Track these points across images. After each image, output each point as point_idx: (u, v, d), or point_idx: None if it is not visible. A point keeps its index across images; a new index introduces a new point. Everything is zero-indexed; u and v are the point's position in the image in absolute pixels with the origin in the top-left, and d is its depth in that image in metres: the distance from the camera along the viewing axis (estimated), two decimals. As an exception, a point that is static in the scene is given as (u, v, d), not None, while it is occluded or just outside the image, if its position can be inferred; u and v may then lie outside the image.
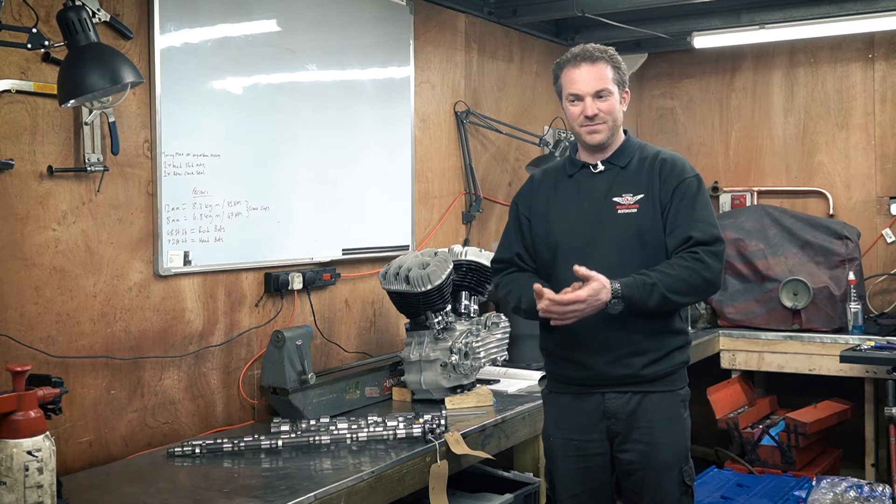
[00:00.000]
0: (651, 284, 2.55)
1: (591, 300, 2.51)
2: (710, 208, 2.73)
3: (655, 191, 2.68)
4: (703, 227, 2.64)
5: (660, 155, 2.76)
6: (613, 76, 2.69)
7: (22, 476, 2.03)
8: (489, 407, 3.38)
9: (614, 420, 2.68)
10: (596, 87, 2.66)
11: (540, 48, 5.20)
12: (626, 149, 2.76)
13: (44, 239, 2.68)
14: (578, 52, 2.71)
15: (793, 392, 5.39)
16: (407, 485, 2.79)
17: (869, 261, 5.35)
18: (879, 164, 5.43)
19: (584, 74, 2.67)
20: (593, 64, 2.67)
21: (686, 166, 2.76)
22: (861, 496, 4.03)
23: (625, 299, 2.53)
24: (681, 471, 2.68)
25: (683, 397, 2.75)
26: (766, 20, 4.95)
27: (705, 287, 2.64)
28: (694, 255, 2.60)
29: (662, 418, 2.68)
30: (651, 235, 2.67)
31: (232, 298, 3.27)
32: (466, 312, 3.68)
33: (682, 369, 2.76)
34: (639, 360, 2.66)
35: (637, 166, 2.73)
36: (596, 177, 2.75)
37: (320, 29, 3.62)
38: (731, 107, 5.91)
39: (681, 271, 2.58)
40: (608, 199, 2.70)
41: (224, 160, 3.19)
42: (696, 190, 2.71)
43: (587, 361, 2.70)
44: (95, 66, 2.25)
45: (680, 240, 2.63)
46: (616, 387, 2.68)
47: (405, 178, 4.12)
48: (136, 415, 2.94)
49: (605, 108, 2.67)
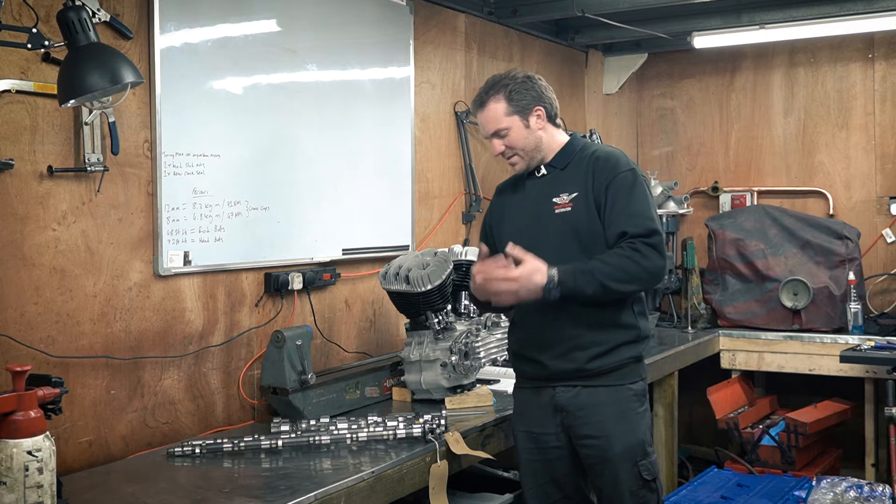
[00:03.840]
0: (588, 272, 2.63)
1: (523, 280, 2.60)
2: (646, 201, 2.75)
3: (589, 188, 2.76)
4: (637, 220, 2.69)
5: (595, 153, 2.83)
6: (507, 110, 2.80)
7: (22, 476, 2.02)
8: (489, 407, 3.38)
9: (566, 413, 2.79)
10: (491, 129, 2.83)
11: (540, 48, 5.20)
12: (566, 151, 2.86)
13: (44, 239, 2.68)
14: (476, 97, 2.87)
15: (793, 392, 5.39)
16: (407, 485, 2.79)
17: (869, 261, 5.35)
18: (879, 164, 5.44)
19: (481, 119, 2.85)
20: (483, 108, 2.83)
21: (620, 161, 2.79)
22: (861, 496, 4.03)
23: (561, 284, 2.61)
24: (636, 464, 2.74)
25: (636, 392, 2.81)
26: (766, 20, 4.95)
27: (645, 276, 2.68)
28: (631, 246, 2.66)
29: (612, 412, 2.75)
30: (586, 232, 2.74)
31: (232, 298, 3.27)
32: (466, 312, 3.69)
33: (634, 363, 2.82)
34: (582, 354, 2.75)
35: (575, 166, 2.83)
36: (539, 181, 2.88)
37: (320, 29, 3.62)
38: (731, 107, 5.91)
39: (617, 259, 2.65)
40: (548, 201, 2.82)
41: (224, 160, 3.19)
42: (631, 184, 2.74)
43: (538, 357, 2.83)
44: (95, 66, 2.25)
45: (615, 235, 2.71)
46: (565, 381, 2.78)
47: (405, 178, 4.12)
48: (136, 415, 2.94)
49: (508, 143, 2.82)
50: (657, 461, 2.84)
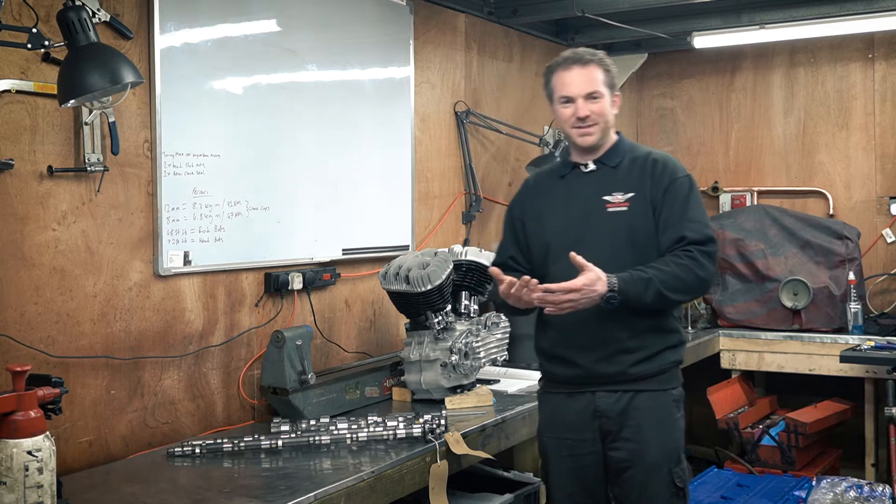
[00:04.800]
0: (647, 279, 2.56)
1: (585, 290, 2.52)
2: (702, 208, 2.73)
3: (646, 190, 2.69)
4: (696, 226, 2.65)
5: (651, 155, 2.77)
6: (604, 79, 2.72)
7: (22, 476, 2.02)
8: (489, 407, 3.38)
9: (605, 419, 2.69)
10: (587, 89, 2.69)
11: (540, 48, 5.20)
12: (617, 149, 2.78)
13: (44, 239, 2.68)
14: (569, 55, 2.75)
15: (793, 392, 5.39)
16: (407, 485, 2.79)
17: (869, 261, 5.35)
18: (879, 164, 5.43)
19: (576, 77, 2.71)
20: (584, 67, 2.71)
21: (678, 166, 2.76)
22: (861, 496, 4.03)
23: (621, 293, 2.54)
24: (670, 471, 2.67)
25: (676, 397, 2.74)
26: (766, 20, 4.95)
27: (699, 285, 2.65)
28: (688, 254, 2.61)
29: (652, 417, 2.67)
30: (642, 234, 2.68)
31: (232, 298, 3.27)
32: (466, 312, 3.68)
33: (675, 369, 2.75)
34: (628, 357, 2.66)
35: (628, 166, 2.74)
36: (586, 176, 2.77)
37: (320, 29, 3.62)
38: (731, 107, 5.91)
39: (676, 268, 2.59)
40: (598, 199, 2.72)
41: (224, 160, 3.19)
42: (689, 189, 2.71)
43: (577, 359, 2.71)
44: (95, 66, 2.25)
45: (673, 239, 2.64)
46: (606, 385, 2.68)
47: (405, 178, 4.12)
48: (136, 415, 2.94)
49: (595, 110, 2.70)
50: (687, 469, 2.76)
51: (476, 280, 3.72)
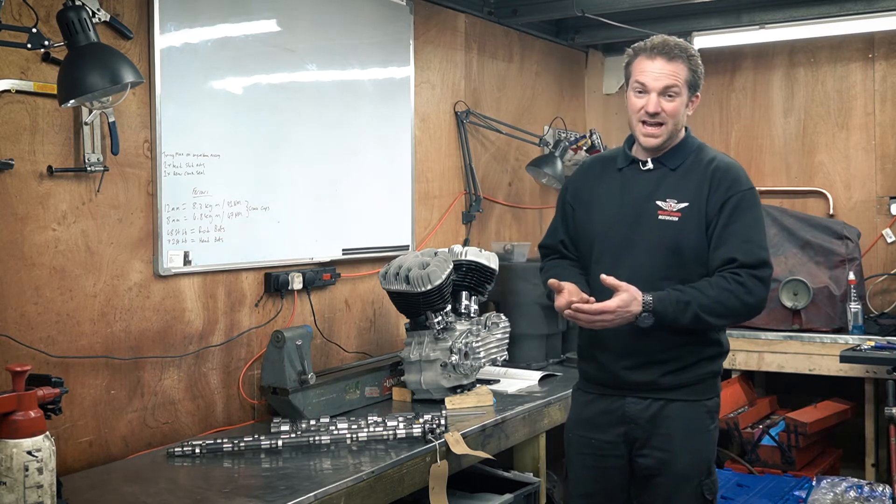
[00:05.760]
0: (686, 303, 2.45)
1: (620, 311, 2.44)
2: (761, 228, 2.56)
3: (703, 200, 2.54)
4: (750, 248, 2.49)
5: (715, 161, 2.60)
6: (687, 77, 2.58)
7: (22, 476, 2.03)
8: (489, 407, 3.38)
9: (633, 425, 2.61)
10: (666, 82, 2.54)
11: (540, 48, 5.20)
12: (680, 149, 2.62)
13: (44, 239, 2.68)
14: (658, 42, 2.58)
15: (793, 392, 5.38)
16: (407, 485, 2.80)
17: (869, 261, 5.34)
18: (879, 164, 5.43)
19: (658, 68, 2.55)
20: (670, 60, 2.56)
21: (741, 177, 2.58)
22: (861, 496, 4.03)
23: (656, 314, 2.45)
24: (700, 483, 2.57)
25: (710, 408, 2.62)
26: (766, 20, 4.94)
27: (745, 311, 2.52)
28: (737, 278, 2.47)
29: (684, 427, 2.57)
30: (689, 248, 2.54)
31: (232, 298, 3.27)
32: (466, 312, 3.68)
33: (712, 379, 2.64)
34: (659, 368, 2.57)
35: (688, 170, 2.59)
36: (643, 175, 2.62)
37: (320, 29, 3.62)
38: (731, 107, 5.90)
39: (719, 293, 2.47)
40: (651, 202, 2.57)
41: (224, 160, 3.19)
42: (749, 205, 2.55)
43: (609, 364, 2.63)
44: (95, 66, 2.25)
45: (723, 260, 2.50)
46: (636, 392, 2.60)
47: (405, 177, 4.12)
48: (136, 415, 2.94)
49: (668, 109, 2.55)
50: (717, 481, 2.64)
51: (476, 280, 3.72)
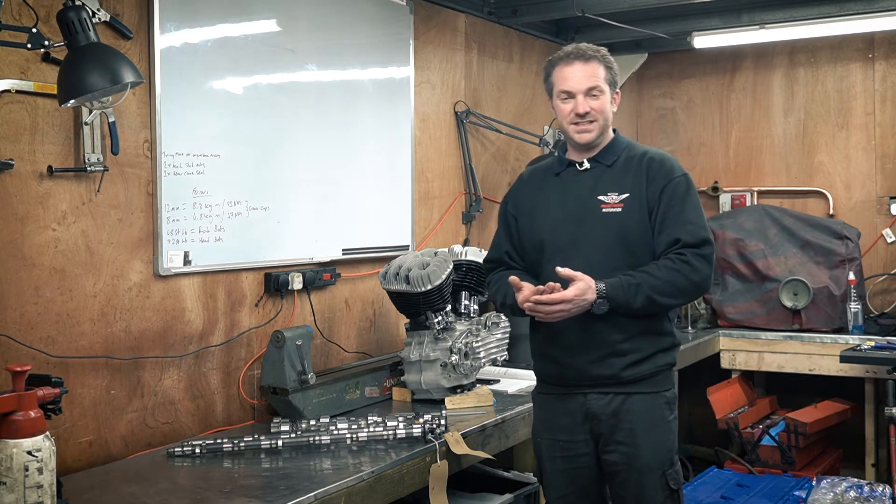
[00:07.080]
0: (636, 285, 2.55)
1: (577, 300, 2.53)
2: (699, 209, 2.69)
3: (642, 191, 2.66)
4: (692, 228, 2.62)
5: (647, 154, 2.73)
6: (605, 76, 2.70)
7: (22, 476, 2.02)
8: (489, 407, 3.38)
9: (597, 421, 2.67)
10: (588, 84, 2.67)
11: (540, 48, 5.20)
12: (613, 147, 2.75)
13: (44, 239, 2.68)
14: (571, 50, 2.72)
15: (793, 392, 5.39)
16: (407, 485, 2.79)
17: (869, 261, 5.35)
18: (879, 164, 5.44)
19: (577, 72, 2.69)
20: (586, 62, 2.69)
21: (675, 165, 2.72)
22: (861, 496, 4.03)
23: (609, 300, 2.54)
24: (664, 474, 2.65)
25: (669, 399, 2.71)
26: (766, 20, 4.95)
27: (692, 289, 2.62)
28: (681, 257, 2.58)
29: (645, 420, 2.65)
30: (635, 235, 2.64)
31: (232, 298, 3.27)
32: (466, 312, 3.68)
33: (668, 371, 2.74)
34: (619, 360, 2.64)
35: (623, 165, 2.71)
36: (581, 175, 2.74)
37: (320, 29, 3.62)
38: (731, 107, 5.91)
39: (666, 273, 2.57)
40: (593, 198, 2.69)
41: (224, 160, 3.19)
42: (685, 190, 2.67)
43: (568, 361, 2.69)
44: (95, 66, 2.24)
45: (667, 242, 2.61)
46: (597, 387, 2.67)
47: (405, 178, 4.12)
48: (135, 415, 2.94)
49: (596, 107, 2.68)
50: (681, 470, 2.74)
51: (476, 280, 3.72)
